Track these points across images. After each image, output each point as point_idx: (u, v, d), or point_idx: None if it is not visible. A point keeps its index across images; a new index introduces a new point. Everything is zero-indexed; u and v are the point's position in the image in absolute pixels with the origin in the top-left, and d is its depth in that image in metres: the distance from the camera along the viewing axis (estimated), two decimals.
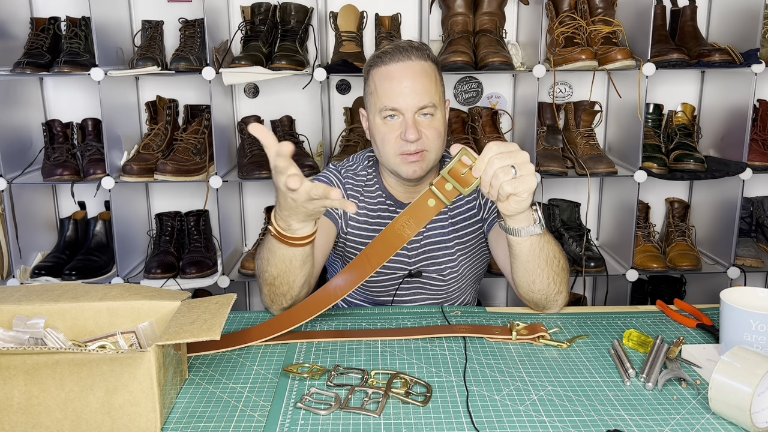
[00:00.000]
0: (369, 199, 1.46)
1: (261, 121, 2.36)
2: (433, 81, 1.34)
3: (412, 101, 1.31)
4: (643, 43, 2.11)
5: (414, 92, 1.31)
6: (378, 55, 1.36)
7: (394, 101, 1.32)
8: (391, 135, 1.34)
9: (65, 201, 2.46)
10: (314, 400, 0.97)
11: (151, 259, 2.25)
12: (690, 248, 2.30)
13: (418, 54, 1.34)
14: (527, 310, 1.30)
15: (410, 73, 1.32)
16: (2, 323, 1.01)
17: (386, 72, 1.33)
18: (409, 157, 1.33)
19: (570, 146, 2.31)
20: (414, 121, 1.32)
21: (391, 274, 1.45)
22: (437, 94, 1.35)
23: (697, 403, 0.96)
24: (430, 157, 1.35)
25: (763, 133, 2.27)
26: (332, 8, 2.33)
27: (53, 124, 2.27)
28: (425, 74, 1.33)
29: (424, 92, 1.32)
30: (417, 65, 1.33)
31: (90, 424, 0.88)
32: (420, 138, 1.32)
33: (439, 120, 1.35)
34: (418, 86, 1.32)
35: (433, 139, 1.34)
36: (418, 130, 1.31)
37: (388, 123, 1.34)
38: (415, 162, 1.34)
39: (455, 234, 1.45)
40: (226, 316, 0.95)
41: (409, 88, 1.31)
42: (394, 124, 1.33)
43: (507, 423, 0.91)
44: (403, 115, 1.32)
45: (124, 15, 2.34)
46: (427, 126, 1.33)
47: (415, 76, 1.32)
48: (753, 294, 1.10)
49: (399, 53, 1.33)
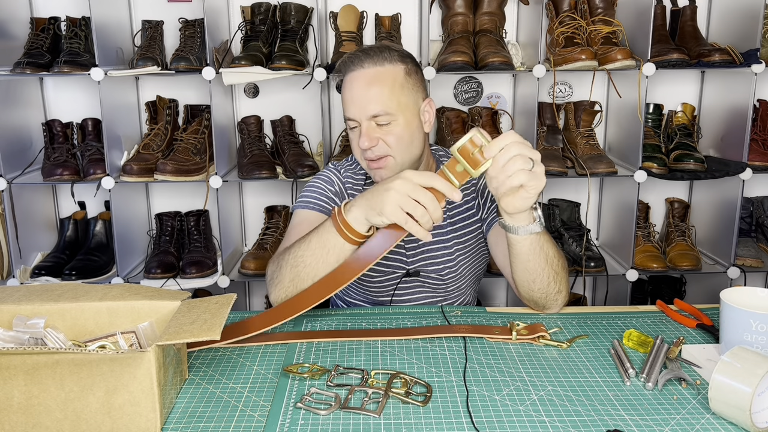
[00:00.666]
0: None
1: (261, 122, 2.36)
2: (389, 86, 1.30)
3: (362, 110, 1.30)
4: (643, 43, 2.11)
5: (366, 101, 1.30)
6: (340, 62, 1.37)
7: (348, 110, 1.33)
8: (355, 142, 1.36)
9: (65, 201, 2.47)
10: (314, 400, 0.97)
11: (151, 259, 2.25)
12: (690, 248, 2.30)
13: (373, 60, 1.31)
14: (527, 310, 1.30)
15: (362, 81, 1.31)
16: (2, 323, 1.01)
17: (347, 80, 1.34)
18: (371, 163, 1.34)
19: (570, 146, 2.32)
20: (367, 129, 1.31)
21: (389, 273, 1.45)
22: (393, 100, 1.30)
23: (697, 403, 0.96)
24: (396, 161, 1.33)
25: (763, 133, 2.27)
26: (332, 8, 2.33)
27: (53, 124, 2.27)
28: (378, 81, 1.30)
29: (375, 101, 1.29)
30: (369, 72, 1.31)
31: (90, 424, 0.88)
32: (376, 144, 1.31)
33: (401, 125, 1.31)
34: (369, 94, 1.30)
35: (394, 144, 1.31)
36: (372, 137, 1.30)
37: (352, 131, 1.36)
38: (379, 168, 1.34)
39: (454, 234, 1.45)
40: (226, 316, 0.95)
41: (360, 97, 1.30)
42: (356, 132, 1.34)
43: (507, 423, 0.91)
44: (359, 124, 1.32)
45: (124, 15, 2.34)
46: (386, 132, 1.31)
47: (366, 85, 1.30)
48: (753, 294, 1.10)
49: (354, 61, 1.33)
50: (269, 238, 2.36)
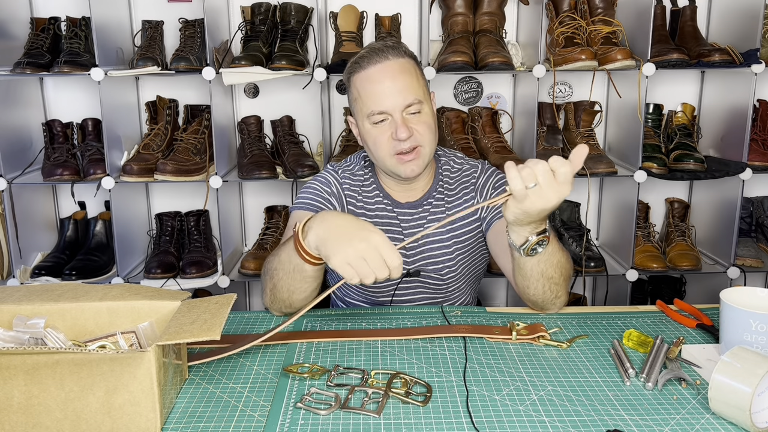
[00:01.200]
0: (367, 199, 1.46)
1: (261, 122, 2.36)
2: (414, 76, 1.34)
3: (397, 101, 1.31)
4: (643, 43, 2.11)
5: (397, 91, 1.31)
6: (355, 60, 1.36)
7: (379, 104, 1.32)
8: (383, 137, 1.34)
9: (65, 201, 2.46)
10: (314, 400, 0.97)
11: (151, 259, 2.25)
12: (690, 248, 2.30)
13: (394, 52, 1.34)
14: (527, 310, 1.30)
15: (390, 72, 1.32)
16: (2, 323, 1.01)
17: (366, 76, 1.33)
18: (404, 156, 1.34)
19: (570, 146, 2.31)
20: (403, 120, 1.32)
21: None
22: (420, 88, 1.34)
23: (697, 403, 0.96)
24: (425, 152, 1.36)
25: (763, 133, 2.27)
26: (332, 8, 2.33)
27: (53, 124, 2.27)
28: (405, 71, 1.33)
29: (408, 89, 1.32)
30: (395, 63, 1.33)
31: (90, 424, 0.88)
32: (412, 135, 1.32)
33: (428, 114, 1.35)
34: (400, 84, 1.32)
35: (425, 133, 1.34)
36: (409, 127, 1.32)
37: (377, 127, 1.34)
38: (411, 161, 1.34)
39: (453, 233, 1.45)
40: (226, 316, 0.95)
41: (392, 88, 1.31)
42: (384, 126, 1.33)
43: (507, 423, 0.91)
44: (391, 116, 1.32)
45: (124, 15, 2.34)
46: (417, 122, 1.33)
47: (395, 75, 1.32)
48: (753, 294, 1.10)
49: (375, 55, 1.33)
50: (269, 238, 2.36)
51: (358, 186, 1.47)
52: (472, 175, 1.48)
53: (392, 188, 1.45)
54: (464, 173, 1.49)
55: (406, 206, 1.45)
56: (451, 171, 1.49)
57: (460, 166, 1.50)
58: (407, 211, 1.44)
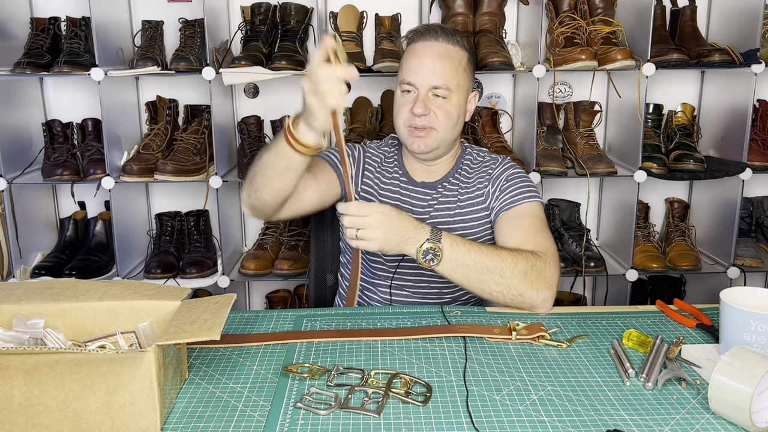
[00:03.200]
0: (385, 172, 1.52)
1: (261, 122, 2.36)
2: (455, 65, 1.39)
3: (426, 79, 1.37)
4: (643, 43, 2.11)
5: (431, 71, 1.37)
6: (414, 31, 1.44)
7: (411, 76, 1.39)
8: (404, 107, 1.41)
9: (65, 201, 2.47)
10: (314, 400, 0.97)
11: (151, 259, 2.25)
12: (690, 248, 2.30)
13: (446, 37, 1.40)
14: (527, 310, 1.30)
15: (432, 52, 1.38)
16: (2, 323, 1.01)
17: (413, 48, 1.41)
18: (415, 131, 1.40)
19: (570, 146, 2.32)
20: (425, 98, 1.38)
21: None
22: (455, 78, 1.39)
23: (697, 403, 0.96)
24: (437, 136, 1.40)
25: (762, 133, 2.27)
26: (332, 8, 2.33)
27: (53, 124, 2.27)
28: (448, 57, 1.39)
29: (441, 73, 1.37)
30: (441, 47, 1.39)
31: (90, 424, 0.88)
32: (428, 114, 1.37)
33: (453, 104, 1.40)
34: (437, 66, 1.37)
35: (443, 119, 1.39)
36: (427, 106, 1.37)
37: (404, 96, 1.41)
38: (420, 138, 1.40)
39: (461, 218, 1.47)
40: (226, 316, 0.95)
41: (428, 66, 1.38)
42: (408, 97, 1.40)
43: (507, 423, 0.91)
44: (417, 90, 1.38)
45: (124, 15, 2.34)
46: (439, 106, 1.38)
47: (436, 57, 1.38)
48: (753, 294, 1.10)
49: (428, 33, 1.40)
50: (269, 238, 2.36)
51: (380, 159, 1.53)
52: (491, 165, 1.51)
53: (412, 165, 1.51)
54: (484, 164, 1.52)
55: (421, 185, 1.49)
56: (472, 161, 1.53)
57: (482, 158, 1.54)
58: (421, 190, 1.49)
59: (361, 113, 2.33)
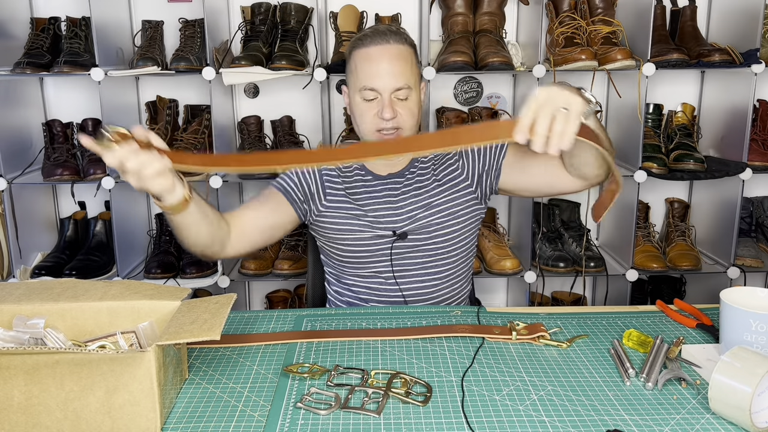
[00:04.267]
0: (347, 174, 1.51)
1: (261, 122, 2.36)
2: (409, 64, 1.42)
3: (389, 82, 1.39)
4: (643, 43, 2.11)
5: (391, 74, 1.40)
6: (359, 37, 1.45)
7: (372, 81, 1.40)
8: (369, 113, 1.42)
9: (65, 201, 2.47)
10: (314, 400, 0.97)
11: (151, 259, 2.25)
12: (690, 248, 2.30)
13: (396, 38, 1.42)
14: (527, 310, 1.30)
15: (388, 55, 1.40)
16: (2, 323, 1.01)
17: (366, 54, 1.42)
18: (385, 134, 1.42)
19: None
20: (390, 101, 1.40)
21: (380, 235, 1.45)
22: (413, 76, 1.43)
23: (697, 403, 0.96)
24: (405, 134, 1.43)
25: (763, 133, 2.27)
26: (332, 8, 2.33)
27: (53, 124, 2.27)
28: (402, 57, 1.41)
29: (401, 74, 1.40)
30: (394, 48, 1.41)
31: (90, 424, 0.88)
32: (396, 116, 1.40)
33: (414, 101, 1.43)
34: (396, 68, 1.40)
35: (407, 118, 1.42)
36: (394, 109, 1.40)
37: (366, 102, 1.42)
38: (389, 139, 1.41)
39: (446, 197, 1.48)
40: (226, 316, 0.95)
41: (386, 70, 1.40)
42: (372, 103, 1.42)
43: (507, 423, 0.91)
44: (380, 94, 1.40)
45: (124, 15, 2.34)
46: (403, 106, 1.41)
47: (393, 59, 1.40)
48: (753, 294, 1.10)
49: (378, 36, 1.42)
50: None
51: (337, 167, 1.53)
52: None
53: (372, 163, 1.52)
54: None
55: (388, 177, 1.50)
56: None
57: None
58: (393, 180, 1.50)
59: None
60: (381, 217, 1.46)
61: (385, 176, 1.50)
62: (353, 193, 1.49)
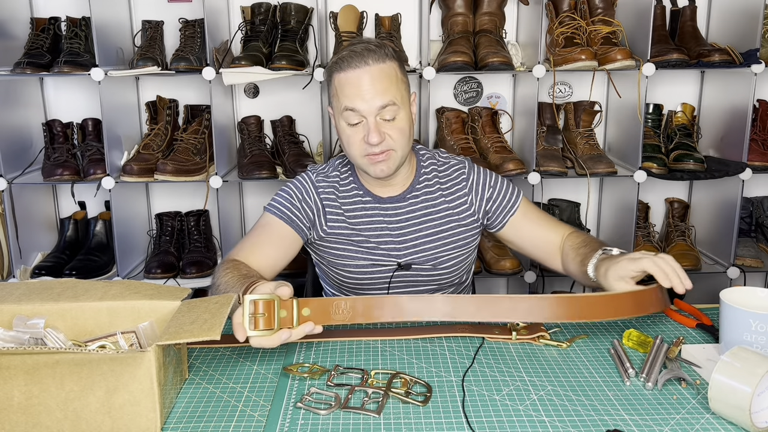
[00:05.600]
0: (346, 197, 1.47)
1: (261, 122, 2.36)
2: (393, 81, 1.35)
3: (372, 105, 1.32)
4: (643, 43, 2.11)
5: (372, 96, 1.32)
6: (336, 60, 1.37)
7: (354, 103, 1.33)
8: (356, 138, 1.36)
9: (65, 201, 2.47)
10: (314, 400, 0.97)
11: (152, 259, 2.25)
12: (690, 248, 2.30)
13: (375, 57, 1.34)
14: None
15: (367, 77, 1.33)
16: (2, 323, 1.01)
17: (345, 78, 1.34)
18: (375, 157, 1.35)
19: (570, 146, 2.32)
20: (376, 125, 1.33)
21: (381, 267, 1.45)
22: (399, 92, 1.35)
23: (697, 403, 0.96)
24: (397, 155, 1.37)
25: (762, 133, 2.27)
26: (332, 8, 2.33)
27: (53, 124, 2.27)
28: (384, 76, 1.34)
29: (383, 95, 1.33)
30: (374, 69, 1.33)
31: (90, 424, 0.88)
32: (384, 140, 1.34)
33: (403, 119, 1.36)
34: (377, 88, 1.32)
35: (398, 138, 1.35)
36: (381, 132, 1.33)
37: (351, 127, 1.36)
38: (381, 162, 1.36)
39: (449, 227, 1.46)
40: (226, 316, 0.95)
41: (368, 92, 1.32)
42: (358, 128, 1.35)
43: (507, 423, 0.91)
44: (365, 118, 1.34)
45: (124, 15, 2.34)
46: (391, 127, 1.35)
47: (374, 80, 1.33)
48: (753, 294, 1.10)
49: (356, 59, 1.34)
50: None
51: (335, 187, 1.47)
52: (461, 170, 1.50)
53: (371, 184, 1.47)
54: (453, 167, 1.51)
55: (389, 201, 1.46)
56: (438, 165, 1.51)
57: (446, 161, 1.52)
58: (392, 205, 1.45)
59: None
60: (382, 244, 1.43)
61: (385, 198, 1.45)
62: (351, 217, 1.44)
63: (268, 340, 1.03)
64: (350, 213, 1.45)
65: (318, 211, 1.45)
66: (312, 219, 1.45)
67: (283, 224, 1.42)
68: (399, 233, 1.43)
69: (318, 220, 1.45)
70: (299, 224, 1.43)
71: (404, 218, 1.45)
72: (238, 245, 1.40)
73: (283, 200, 1.45)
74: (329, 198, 1.46)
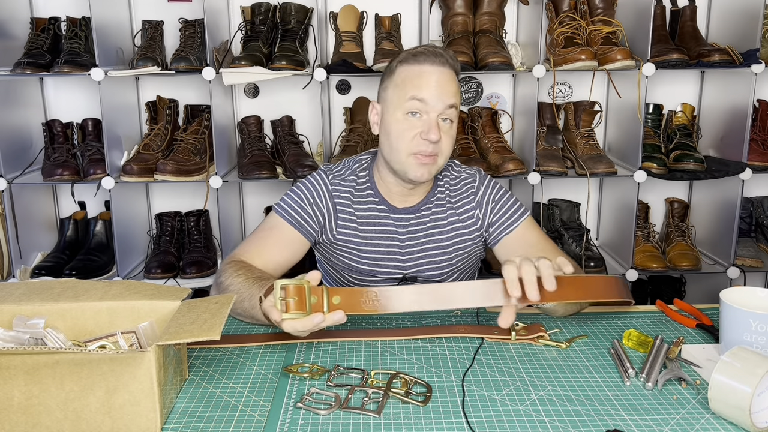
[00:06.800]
0: (360, 204, 1.44)
1: (261, 122, 2.36)
2: (458, 92, 1.37)
3: (441, 100, 1.32)
4: (642, 43, 2.11)
5: (445, 93, 1.32)
6: (413, 53, 1.36)
7: (423, 94, 1.31)
8: (410, 132, 1.33)
9: (65, 201, 2.47)
10: (314, 400, 0.97)
11: (152, 259, 2.25)
12: (690, 248, 2.30)
13: (451, 64, 1.36)
14: (527, 311, 1.30)
15: (444, 76, 1.34)
16: (2, 323, 1.01)
17: (419, 70, 1.34)
18: (423, 158, 1.33)
19: (570, 146, 2.32)
20: (437, 123, 1.32)
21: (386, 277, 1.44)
22: (460, 101, 1.38)
23: (697, 403, 0.96)
24: (440, 162, 1.36)
25: (762, 133, 2.27)
26: (332, 8, 2.33)
27: (53, 124, 2.27)
28: (453, 82, 1.35)
29: (452, 97, 1.34)
30: (449, 73, 1.35)
31: (90, 424, 0.88)
32: (440, 140, 1.32)
33: (455, 128, 1.37)
34: (448, 89, 1.33)
35: (446, 146, 1.35)
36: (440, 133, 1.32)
37: (409, 119, 1.33)
38: (426, 165, 1.34)
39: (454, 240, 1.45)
40: (226, 316, 0.95)
41: (441, 88, 1.32)
42: (416, 122, 1.33)
43: (507, 423, 0.91)
44: (428, 113, 1.32)
45: (124, 15, 2.34)
46: (446, 132, 1.34)
47: (447, 80, 1.34)
48: (753, 294, 1.10)
49: (434, 56, 1.34)
50: None
51: (351, 192, 1.44)
52: (471, 184, 1.47)
53: (391, 191, 1.43)
54: (463, 182, 1.48)
55: (403, 212, 1.43)
56: (450, 178, 1.48)
57: (458, 174, 1.49)
58: (404, 216, 1.43)
59: (361, 113, 2.33)
60: (389, 254, 1.42)
61: (400, 209, 1.43)
62: (363, 224, 1.42)
63: (301, 323, 1.03)
64: (363, 221, 1.43)
65: (330, 216, 1.42)
66: (322, 223, 1.42)
67: (292, 229, 1.40)
68: (406, 245, 1.42)
69: (329, 225, 1.42)
70: (308, 229, 1.41)
71: (413, 230, 1.43)
72: (243, 245, 1.38)
73: (293, 202, 1.42)
74: (344, 203, 1.43)
